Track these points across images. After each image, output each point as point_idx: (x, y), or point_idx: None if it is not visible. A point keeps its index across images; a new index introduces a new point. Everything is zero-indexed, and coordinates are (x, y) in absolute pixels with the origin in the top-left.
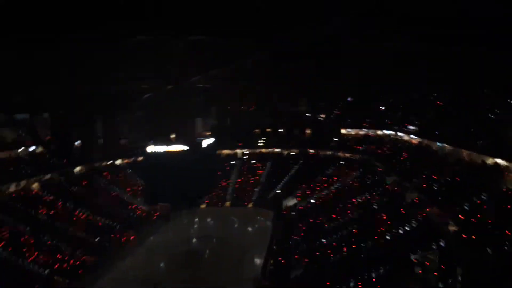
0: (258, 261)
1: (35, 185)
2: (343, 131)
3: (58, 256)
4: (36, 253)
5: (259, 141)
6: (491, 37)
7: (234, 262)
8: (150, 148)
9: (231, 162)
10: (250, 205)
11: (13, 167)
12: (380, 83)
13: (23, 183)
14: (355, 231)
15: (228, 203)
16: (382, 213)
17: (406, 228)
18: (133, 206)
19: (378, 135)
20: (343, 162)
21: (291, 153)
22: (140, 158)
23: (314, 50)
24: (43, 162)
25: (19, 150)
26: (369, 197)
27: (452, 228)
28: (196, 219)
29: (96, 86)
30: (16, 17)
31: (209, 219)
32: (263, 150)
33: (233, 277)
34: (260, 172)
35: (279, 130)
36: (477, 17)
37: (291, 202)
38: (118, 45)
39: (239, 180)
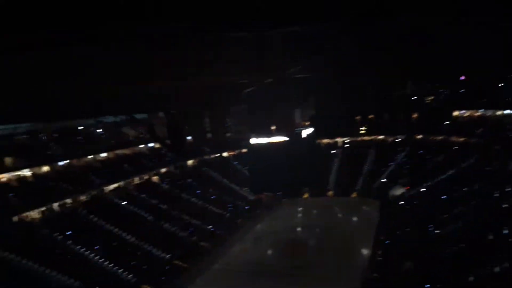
0: (365, 252)
1: (155, 178)
2: (455, 113)
3: (176, 242)
4: (159, 239)
5: (360, 128)
6: None
7: (340, 252)
8: (253, 140)
9: (332, 151)
10: (354, 195)
11: (136, 162)
12: (497, 58)
13: (145, 176)
14: (473, 222)
15: (331, 193)
16: (506, 203)
17: None
18: (241, 196)
19: (496, 116)
20: (456, 147)
21: (397, 140)
22: (245, 150)
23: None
24: (161, 156)
25: (140, 146)
26: (488, 186)
27: None
28: (300, 209)
29: (205, 81)
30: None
31: (312, 209)
32: (366, 138)
33: (339, 267)
34: (363, 160)
35: (383, 115)
36: None
37: (398, 191)
38: (218, 40)
39: (341, 169)
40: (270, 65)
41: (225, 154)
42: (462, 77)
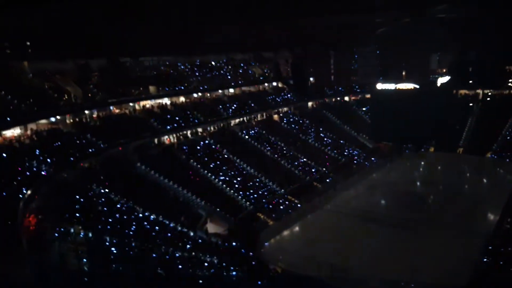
0: (492, 216)
1: (276, 116)
2: None
3: (292, 179)
4: (277, 175)
5: (509, 80)
6: None
7: (461, 211)
8: (380, 85)
9: (470, 104)
10: (488, 155)
11: (260, 99)
12: None
13: (266, 113)
14: None
15: (461, 150)
16: None
17: None
18: (359, 142)
19: None
20: None
21: None
22: (369, 95)
23: None
24: (283, 96)
25: (266, 84)
26: None
27: None
28: (423, 162)
29: (332, 19)
30: None
31: (438, 164)
32: None
33: (459, 227)
34: (507, 117)
35: None
36: None
37: None
38: None
39: (478, 124)
40: (412, 2)
41: (346, 98)
42: None
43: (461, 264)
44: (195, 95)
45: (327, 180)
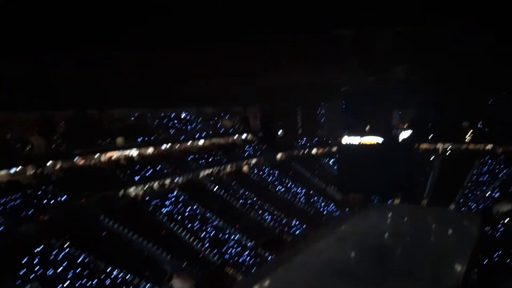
0: (458, 268)
1: (245, 168)
2: None
3: (261, 232)
4: (247, 227)
5: (466, 136)
6: None
7: (430, 264)
8: (345, 139)
9: (431, 158)
10: (451, 206)
11: (229, 151)
12: None
13: (235, 164)
14: None
15: (425, 201)
16: None
17: None
18: (328, 194)
19: None
20: None
21: (509, 151)
22: (335, 149)
23: None
24: (252, 147)
25: (235, 137)
26: None
27: None
28: (390, 214)
29: (300, 79)
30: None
31: (403, 216)
32: (471, 146)
33: (427, 281)
34: (466, 170)
35: (494, 123)
36: None
37: (504, 208)
38: (320, 39)
39: (440, 177)
40: (375, 64)
41: (314, 150)
42: None
43: None
44: (164, 146)
45: (297, 233)
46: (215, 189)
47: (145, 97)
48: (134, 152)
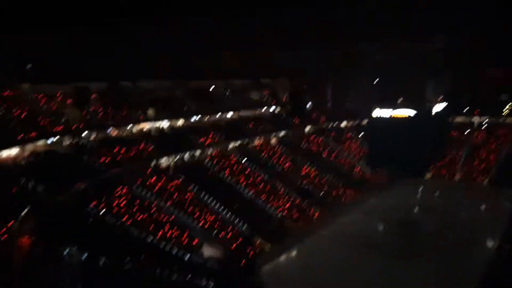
0: (490, 244)
1: (273, 140)
2: None
3: (288, 203)
4: (273, 198)
5: (505, 109)
6: None
7: (459, 240)
8: (376, 112)
9: (466, 132)
10: (485, 182)
11: (257, 124)
12: None
13: (264, 137)
14: None
15: (458, 176)
16: None
17: None
18: (356, 168)
19: None
20: None
21: None
22: (365, 122)
23: None
24: (281, 120)
25: (263, 110)
26: None
27: None
28: (420, 189)
29: (330, 48)
30: None
31: (435, 191)
32: (509, 120)
33: (456, 257)
34: (502, 145)
35: None
36: None
37: None
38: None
39: (475, 152)
40: (413, 31)
41: (343, 124)
42: None
43: None
44: (193, 118)
45: (324, 205)
46: (243, 161)
47: (175, 70)
48: (165, 124)
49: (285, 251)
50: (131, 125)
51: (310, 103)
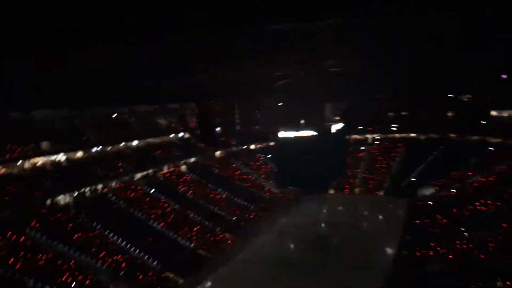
0: (389, 251)
1: (183, 167)
2: (493, 113)
3: (201, 231)
4: (184, 227)
5: (392, 125)
6: None
7: (364, 250)
8: (281, 133)
9: (361, 148)
10: (381, 193)
11: (166, 151)
12: None
13: (173, 165)
14: (506, 226)
15: (357, 190)
16: None
17: None
18: (266, 189)
19: None
20: (492, 149)
21: (430, 138)
22: (272, 143)
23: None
24: (190, 146)
25: (171, 136)
26: None
27: None
28: (326, 204)
29: (236, 75)
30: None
31: (338, 205)
32: (397, 135)
33: (363, 265)
34: (393, 158)
35: (417, 113)
36: None
37: (427, 191)
38: (255, 35)
39: (370, 166)
40: (310, 57)
41: (252, 146)
42: (504, 76)
43: None
44: (94, 149)
45: (238, 229)
46: (152, 191)
47: (73, 97)
48: (62, 157)
49: (199, 283)
50: (22, 160)
51: (219, 127)
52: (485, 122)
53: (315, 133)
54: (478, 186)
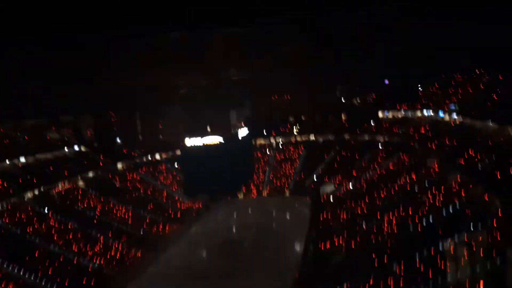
0: (298, 248)
1: (81, 183)
2: (380, 114)
3: (106, 249)
4: (86, 247)
5: (293, 129)
6: None
7: (274, 249)
8: (188, 141)
9: (267, 152)
10: (287, 193)
11: (59, 167)
12: (418, 64)
13: (68, 181)
14: (397, 214)
15: (265, 192)
16: (424, 195)
17: (450, 209)
18: (174, 199)
19: (417, 117)
20: (381, 146)
21: (327, 140)
22: (178, 152)
23: (352, 34)
24: (88, 160)
25: (65, 150)
26: (409, 180)
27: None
28: (235, 209)
29: (134, 83)
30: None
31: (247, 209)
32: (298, 138)
33: (274, 264)
34: (296, 160)
35: (315, 117)
36: None
37: (328, 188)
38: (154, 42)
39: (275, 169)
40: (209, 66)
41: (157, 156)
42: (386, 82)
43: None
44: None
45: (146, 244)
46: (45, 212)
47: None
48: None
49: None
50: None
51: (118, 138)
52: (373, 123)
53: (221, 139)
54: (371, 180)
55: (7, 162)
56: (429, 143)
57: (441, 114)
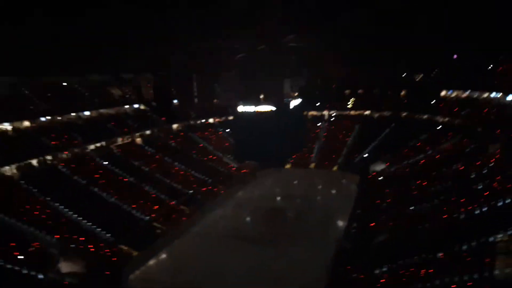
0: (341, 223)
1: (138, 139)
2: (442, 93)
3: (157, 204)
4: (140, 201)
5: (348, 103)
6: None
7: (317, 222)
8: (241, 108)
9: (318, 124)
10: (335, 168)
11: (120, 123)
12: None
13: (128, 137)
14: (448, 201)
15: (313, 165)
16: (481, 183)
17: (506, 201)
18: (224, 163)
19: (484, 98)
20: (440, 127)
21: (383, 116)
22: (231, 117)
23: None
24: (146, 118)
25: (126, 107)
26: (467, 166)
27: None
28: (282, 178)
29: (195, 46)
30: None
31: (294, 179)
32: (352, 112)
33: (316, 236)
34: (347, 134)
35: (372, 91)
36: None
37: (379, 167)
38: (213, 6)
39: (325, 142)
40: (266, 31)
41: (211, 120)
42: (455, 56)
43: (319, 269)
44: (43, 119)
45: (194, 203)
46: (104, 163)
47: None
48: (7, 126)
49: (154, 255)
50: None
51: (176, 100)
52: (434, 102)
53: (273, 108)
54: (425, 163)
55: (72, 114)
56: (494, 128)
57: (511, 97)
